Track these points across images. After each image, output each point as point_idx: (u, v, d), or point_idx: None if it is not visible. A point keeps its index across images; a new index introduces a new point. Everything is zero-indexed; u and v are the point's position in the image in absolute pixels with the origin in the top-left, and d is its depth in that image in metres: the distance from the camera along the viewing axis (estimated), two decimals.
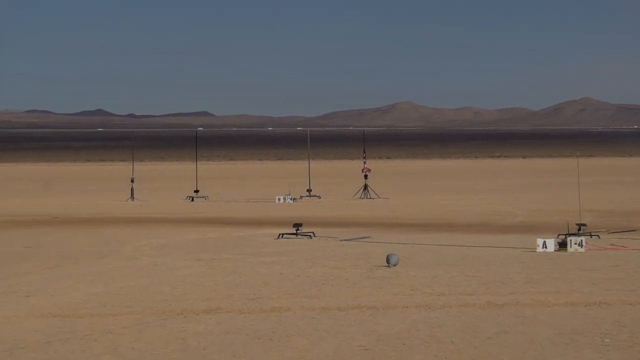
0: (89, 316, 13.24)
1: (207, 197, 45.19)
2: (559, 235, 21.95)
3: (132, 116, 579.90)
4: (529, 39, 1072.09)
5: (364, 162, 48.34)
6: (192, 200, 44.49)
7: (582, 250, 20.45)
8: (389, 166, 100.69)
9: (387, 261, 18.24)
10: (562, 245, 20.65)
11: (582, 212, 28.19)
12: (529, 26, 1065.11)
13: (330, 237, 24.74)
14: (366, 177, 45.74)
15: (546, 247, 20.56)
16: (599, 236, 23.39)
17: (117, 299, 14.66)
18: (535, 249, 20.64)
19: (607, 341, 11.20)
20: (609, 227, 26.50)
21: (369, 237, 24.69)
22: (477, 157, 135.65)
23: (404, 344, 11.21)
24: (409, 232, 26.39)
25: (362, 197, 44.55)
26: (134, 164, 53.33)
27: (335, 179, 67.04)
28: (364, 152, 50.84)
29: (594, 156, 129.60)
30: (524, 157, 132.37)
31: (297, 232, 24.53)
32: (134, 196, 44.90)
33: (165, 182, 66.31)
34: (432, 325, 12.27)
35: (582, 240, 20.75)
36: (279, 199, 42.42)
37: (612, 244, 21.94)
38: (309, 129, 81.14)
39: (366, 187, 45.12)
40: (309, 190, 46.31)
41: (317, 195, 45.37)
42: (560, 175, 67.86)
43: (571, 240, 20.66)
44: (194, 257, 20.52)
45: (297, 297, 14.68)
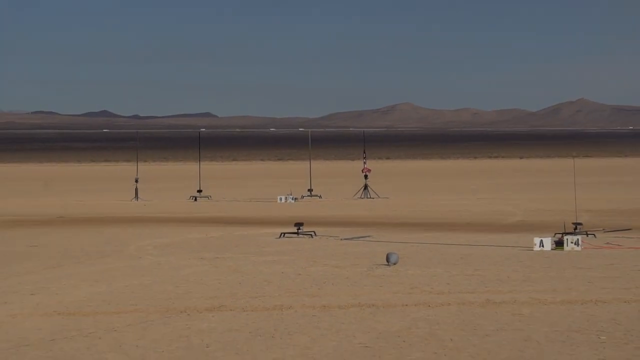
0: (93, 314, 13.25)
1: (210, 197, 45.20)
2: (555, 234, 21.97)
3: (136, 117, 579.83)
4: (526, 42, 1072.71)
5: (364, 163, 48.34)
6: (195, 200, 44.48)
7: (578, 249, 20.46)
8: (388, 166, 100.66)
9: (387, 260, 18.25)
10: (559, 244, 20.66)
11: (578, 211, 28.19)
12: (526, 29, 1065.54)
13: (331, 236, 24.75)
14: (366, 177, 45.74)
15: (543, 246, 20.57)
16: (595, 235, 23.40)
17: (121, 298, 14.67)
18: (532, 247, 20.65)
19: (603, 339, 11.21)
20: (605, 226, 26.53)
21: (369, 237, 24.69)
22: (475, 158, 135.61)
23: (404, 341, 11.22)
24: (408, 232, 26.39)
25: (363, 196, 44.54)
26: (138, 164, 53.37)
27: (335, 179, 67.03)
28: (364, 152, 50.83)
29: (590, 156, 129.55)
30: (521, 158, 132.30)
31: (299, 231, 24.53)
32: (138, 196, 44.91)
33: (168, 182, 66.30)
34: (431, 323, 12.28)
35: (578, 239, 20.76)
36: (281, 199, 42.42)
37: (607, 243, 21.95)
38: (310, 129, 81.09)
39: (366, 187, 45.12)
40: (310, 190, 46.31)
41: (318, 195, 45.38)
42: (557, 175, 67.83)
43: (568, 239, 20.66)
44: (197, 256, 20.53)
45: (298, 295, 14.69)
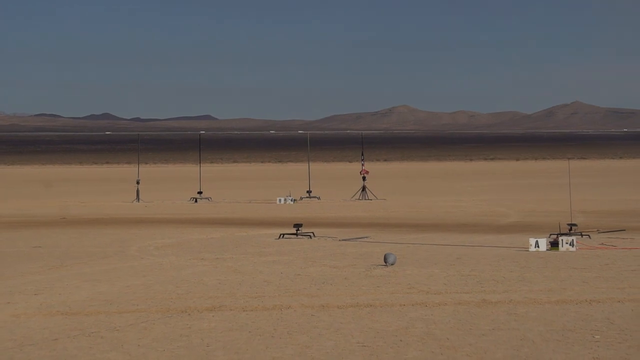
0: (96, 314, 13.24)
1: (210, 198, 45.20)
2: (550, 235, 21.97)
3: (137, 120, 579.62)
4: (522, 46, 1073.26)
5: (362, 165, 48.37)
6: (196, 201, 44.48)
7: (573, 249, 20.46)
8: (386, 168, 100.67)
9: (385, 260, 18.24)
10: (554, 244, 20.65)
11: (573, 212, 28.23)
12: (522, 33, 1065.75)
13: (329, 237, 24.74)
14: (364, 178, 45.78)
15: (538, 247, 20.56)
16: (589, 236, 23.39)
17: (122, 297, 14.66)
18: (527, 248, 20.65)
19: (597, 338, 11.20)
20: (599, 227, 26.53)
21: (367, 237, 24.68)
22: (472, 160, 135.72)
23: (401, 340, 11.21)
24: (406, 232, 26.39)
25: (361, 198, 44.56)
26: (140, 166, 53.36)
27: (334, 180, 67.05)
28: (362, 154, 50.87)
29: (585, 158, 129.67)
30: (517, 160, 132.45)
31: (298, 232, 24.53)
32: (139, 197, 44.91)
33: (169, 184, 66.29)
34: (428, 322, 12.27)
35: (573, 239, 20.75)
36: (280, 200, 42.43)
37: (602, 244, 21.94)
38: (309, 132, 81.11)
39: (364, 188, 45.14)
40: (309, 191, 46.33)
41: (317, 196, 45.39)
42: (552, 176, 67.89)
43: (562, 239, 20.65)
44: (198, 256, 20.52)
45: (297, 295, 14.68)
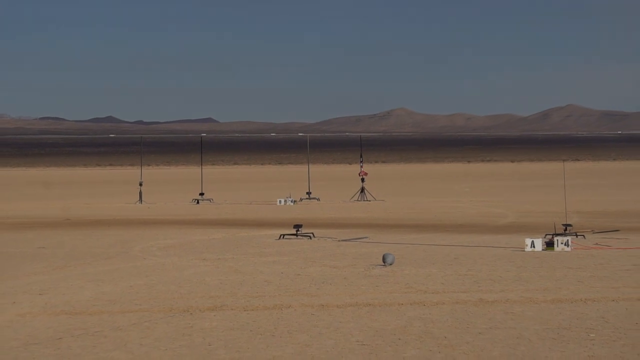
0: (99, 313, 13.24)
1: (212, 199, 45.20)
2: (546, 235, 21.96)
3: (140, 123, 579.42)
4: (518, 49, 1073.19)
5: (361, 166, 48.37)
6: (198, 202, 44.47)
7: (568, 249, 20.45)
8: (384, 170, 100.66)
9: (384, 260, 18.24)
10: (550, 244, 20.65)
11: (568, 213, 28.22)
12: (518, 36, 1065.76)
13: (329, 237, 24.73)
14: (363, 180, 45.78)
15: (534, 247, 20.56)
16: (584, 236, 23.39)
17: (125, 297, 14.65)
18: (524, 248, 20.65)
19: (592, 336, 11.20)
20: (593, 227, 26.52)
21: (366, 238, 24.67)
22: (469, 161, 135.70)
23: (400, 339, 11.21)
24: (404, 233, 26.38)
25: (360, 199, 44.56)
26: (142, 168, 53.35)
27: (333, 182, 67.04)
28: (361, 156, 50.88)
29: (579, 160, 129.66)
30: (513, 161, 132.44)
31: (298, 233, 24.52)
32: (142, 199, 44.90)
33: (172, 186, 66.27)
34: (426, 321, 12.27)
35: (568, 240, 20.74)
36: (280, 201, 42.42)
37: (596, 244, 21.94)
38: (309, 134, 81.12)
39: (363, 189, 45.14)
40: (309, 193, 46.32)
41: (317, 197, 45.39)
42: (547, 178, 67.88)
43: (558, 240, 20.65)
44: (200, 257, 20.51)
45: (297, 295, 14.67)
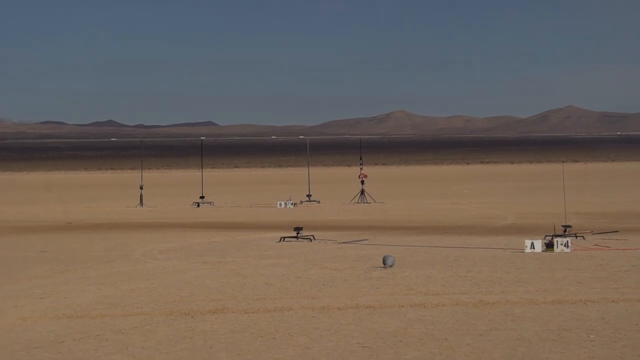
0: (101, 317, 13.22)
1: (212, 202, 45.18)
2: (545, 236, 21.94)
3: (141, 126, 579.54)
4: (516, 51, 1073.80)
5: (361, 169, 48.36)
6: (198, 205, 44.45)
7: (567, 250, 20.44)
8: (384, 172, 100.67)
9: (384, 262, 18.22)
10: (549, 246, 20.63)
11: (567, 214, 28.20)
12: (516, 38, 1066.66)
13: (329, 240, 24.71)
14: (363, 182, 45.78)
15: (534, 248, 20.54)
16: (583, 237, 23.37)
17: (127, 301, 14.63)
18: (523, 249, 20.63)
19: (592, 337, 11.19)
20: (593, 228, 26.50)
21: (366, 240, 24.65)
22: (468, 163, 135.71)
23: (400, 341, 11.19)
24: (404, 235, 26.36)
25: (359, 201, 44.55)
26: (143, 171, 53.35)
27: (333, 184, 67.03)
28: (361, 159, 50.87)
29: (578, 161, 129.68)
30: (512, 163, 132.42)
31: (298, 235, 24.51)
32: (143, 202, 44.88)
33: (172, 189, 66.27)
34: (426, 323, 12.25)
35: (567, 241, 20.73)
36: (280, 204, 42.40)
37: (596, 245, 21.92)
38: (309, 137, 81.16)
39: (363, 192, 45.14)
40: (309, 195, 46.32)
41: (317, 200, 45.38)
42: (547, 179, 67.87)
43: (557, 241, 20.64)
44: (200, 260, 20.49)
45: (298, 297, 14.66)
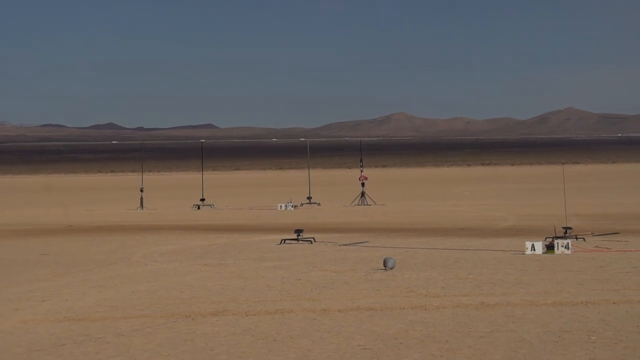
0: (102, 319, 13.22)
1: (213, 205, 45.18)
2: (546, 238, 21.94)
3: (141, 129, 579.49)
4: (516, 53, 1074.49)
5: (361, 171, 48.36)
6: (199, 208, 44.46)
7: (568, 252, 20.43)
8: (384, 174, 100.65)
9: (384, 264, 18.21)
10: (550, 247, 20.63)
11: (568, 216, 28.19)
12: (515, 41, 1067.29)
13: (329, 242, 24.72)
14: (363, 184, 45.77)
15: (535, 250, 20.54)
16: (584, 239, 23.36)
17: (128, 303, 14.63)
18: (524, 251, 20.63)
19: (593, 339, 11.18)
20: (593, 230, 26.50)
21: (367, 242, 24.65)
22: (468, 165, 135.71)
23: (401, 343, 11.19)
24: (404, 237, 26.35)
25: (360, 203, 44.54)
26: (143, 174, 53.36)
27: (333, 186, 67.02)
28: (361, 161, 50.88)
29: (579, 163, 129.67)
30: (512, 165, 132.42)
31: (299, 237, 24.50)
32: (143, 205, 44.89)
33: (172, 191, 66.26)
34: (427, 325, 12.25)
35: (568, 242, 20.73)
36: (281, 206, 42.40)
37: (597, 246, 21.92)
38: (309, 139, 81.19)
39: (363, 194, 45.14)
40: (309, 197, 46.31)
41: (317, 202, 45.38)
42: (547, 181, 67.86)
43: (558, 243, 20.63)
44: (201, 262, 20.49)
45: (299, 299, 14.65)
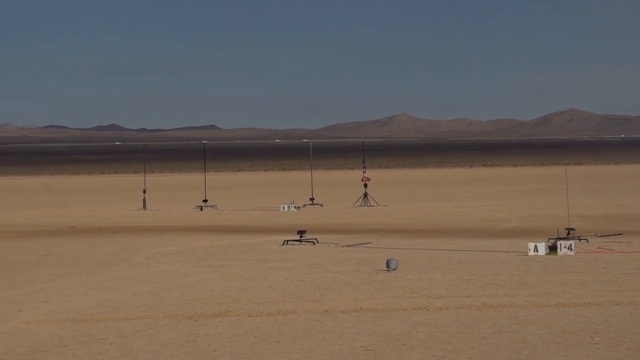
0: (104, 320, 13.22)
1: (215, 206, 45.18)
2: (549, 239, 21.92)
3: (143, 130, 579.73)
4: (518, 54, 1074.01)
5: (364, 172, 48.34)
6: (201, 209, 44.46)
7: (571, 253, 20.42)
8: (387, 175, 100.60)
9: (387, 265, 18.21)
10: (553, 248, 20.61)
11: (571, 217, 28.18)
12: (518, 42, 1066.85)
13: (332, 243, 24.72)
14: (366, 185, 45.75)
15: (537, 251, 20.52)
16: (587, 240, 23.34)
17: (130, 304, 14.64)
18: (527, 252, 20.61)
19: (596, 340, 11.18)
20: (596, 231, 26.48)
21: (370, 243, 24.65)
22: (471, 166, 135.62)
23: (404, 344, 11.18)
24: (407, 238, 26.35)
25: (362, 204, 44.52)
26: (146, 175, 53.37)
27: (336, 187, 67.00)
28: (364, 162, 50.86)
29: (581, 164, 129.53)
30: (515, 166, 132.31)
31: (301, 238, 24.50)
32: (146, 206, 44.89)
33: (175, 193, 66.27)
34: (430, 326, 12.24)
35: (571, 243, 20.71)
36: (284, 207, 42.40)
37: (599, 247, 21.90)
38: (312, 140, 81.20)
39: (366, 195, 45.11)
40: (312, 198, 46.29)
41: (320, 203, 45.36)
42: (550, 182, 67.79)
43: (561, 244, 20.61)
44: (204, 263, 20.50)
45: (301, 300, 14.65)
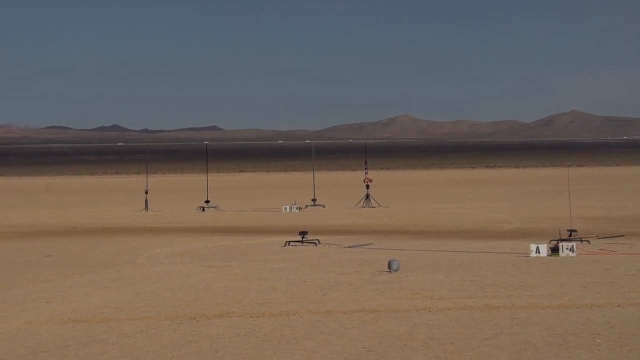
0: (106, 321, 13.23)
1: (217, 207, 45.18)
2: (551, 240, 21.92)
3: (146, 131, 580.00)
4: (520, 56, 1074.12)
5: (366, 173, 48.34)
6: (203, 210, 44.47)
7: (573, 255, 20.41)
8: (389, 176, 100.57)
9: (389, 267, 18.21)
10: (555, 250, 20.60)
11: (573, 218, 28.17)
12: (520, 44, 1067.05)
13: (334, 244, 24.71)
14: (368, 186, 45.74)
15: (539, 252, 20.52)
16: (589, 241, 23.33)
17: (132, 305, 14.64)
18: (529, 254, 20.61)
19: (598, 341, 11.17)
20: (598, 232, 26.46)
21: (372, 244, 24.64)
22: (473, 167, 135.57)
23: (406, 345, 11.18)
24: (409, 239, 26.34)
25: (364, 205, 44.52)
26: (148, 176, 53.39)
27: (338, 188, 66.99)
28: (366, 163, 50.87)
29: (583, 166, 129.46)
30: (517, 167, 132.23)
31: (303, 239, 24.50)
32: (148, 207, 44.91)
33: (177, 193, 66.28)
34: (432, 327, 12.24)
35: (573, 245, 20.70)
36: (286, 208, 42.40)
37: (601, 249, 21.89)
38: (314, 141, 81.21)
39: (368, 196, 45.11)
40: (314, 199, 46.30)
41: (322, 204, 45.36)
42: (552, 184, 67.75)
43: (563, 245, 20.61)
44: (206, 264, 20.50)
45: (303, 301, 14.65)
